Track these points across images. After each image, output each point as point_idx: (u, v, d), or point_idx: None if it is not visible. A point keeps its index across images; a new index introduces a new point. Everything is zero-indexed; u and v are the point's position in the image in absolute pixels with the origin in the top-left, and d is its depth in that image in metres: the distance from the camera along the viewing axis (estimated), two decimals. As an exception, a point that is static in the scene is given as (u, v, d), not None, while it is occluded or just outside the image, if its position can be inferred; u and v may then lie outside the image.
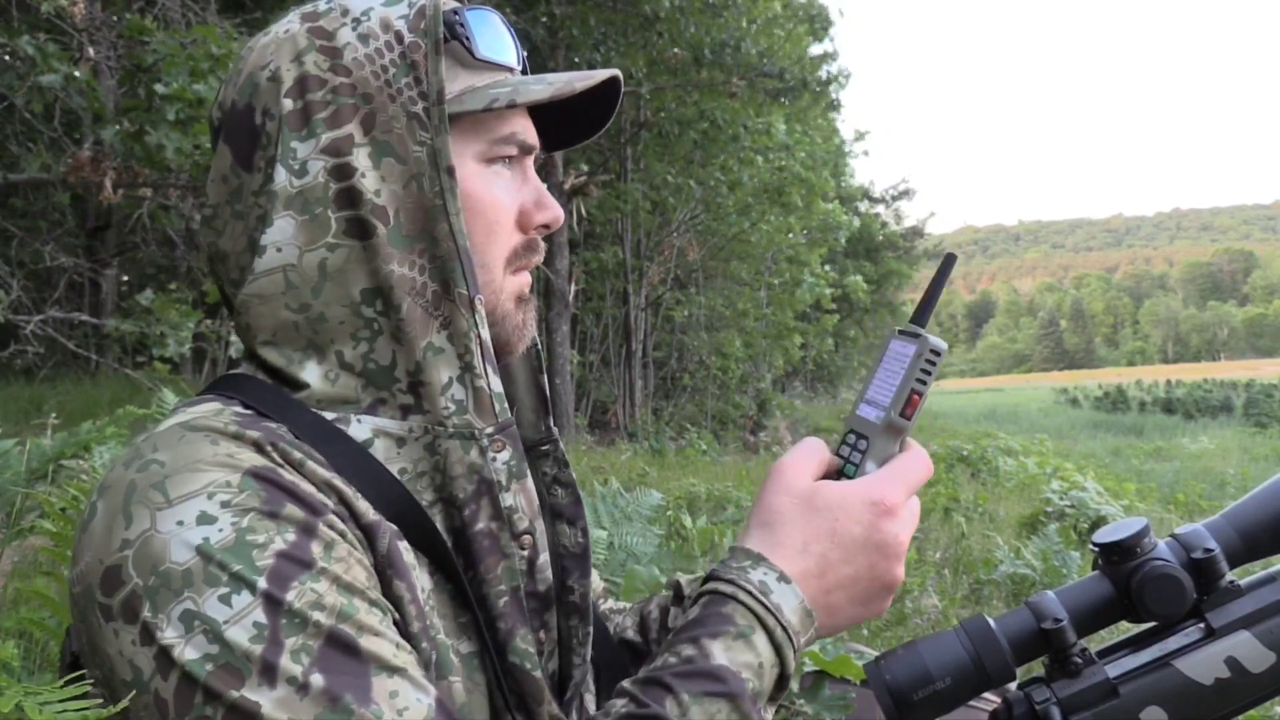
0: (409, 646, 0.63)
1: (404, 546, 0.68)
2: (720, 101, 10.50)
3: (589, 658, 0.83)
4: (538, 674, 0.72)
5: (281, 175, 0.69)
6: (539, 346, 0.87)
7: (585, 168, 10.61)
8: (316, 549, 0.61)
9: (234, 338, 4.90)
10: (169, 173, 4.47)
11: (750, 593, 0.67)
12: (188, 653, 0.57)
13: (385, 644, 0.61)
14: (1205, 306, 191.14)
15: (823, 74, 12.62)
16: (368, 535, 0.66)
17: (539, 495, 0.81)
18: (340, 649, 0.59)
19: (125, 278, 9.40)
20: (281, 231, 0.69)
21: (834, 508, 0.70)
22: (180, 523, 0.59)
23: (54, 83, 4.26)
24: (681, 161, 12.45)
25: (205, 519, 0.59)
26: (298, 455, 0.65)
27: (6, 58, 5.17)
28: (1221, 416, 27.56)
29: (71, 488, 2.07)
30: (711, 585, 0.70)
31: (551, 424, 0.87)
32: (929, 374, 0.71)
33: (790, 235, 15.06)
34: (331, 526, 0.63)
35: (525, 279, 0.80)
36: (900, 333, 0.74)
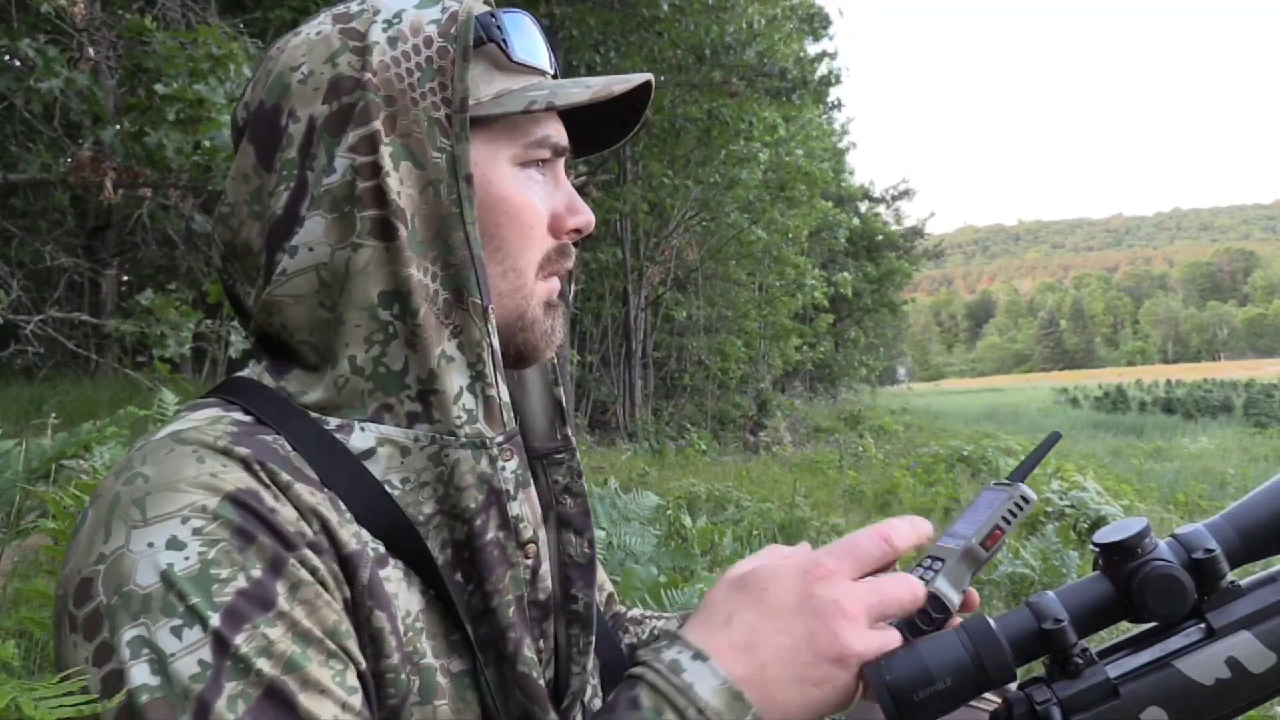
0: (357, 706, 0.61)
1: (387, 573, 0.67)
2: (721, 100, 10.52)
3: (589, 667, 0.81)
4: (542, 682, 0.70)
5: (310, 176, 0.69)
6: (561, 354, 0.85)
7: (585, 168, 10.61)
8: (280, 589, 0.60)
9: (234, 338, 4.89)
10: (169, 173, 4.47)
11: (659, 672, 0.62)
12: (132, 678, 0.56)
13: (327, 705, 0.59)
14: (1205, 306, 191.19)
15: (821, 71, 12.64)
16: (346, 568, 0.64)
17: (543, 502, 0.80)
18: (276, 703, 0.57)
19: (125, 278, 9.41)
20: (312, 231, 0.68)
21: (764, 580, 0.65)
22: (150, 545, 0.59)
23: (53, 88, 4.26)
24: (680, 162, 12.46)
25: (174, 544, 0.59)
26: (285, 477, 0.64)
27: (6, 58, 5.17)
28: (1221, 416, 27.58)
29: (72, 487, 2.07)
30: (628, 670, 0.66)
31: (570, 433, 0.85)
32: (1015, 515, 0.75)
33: (790, 235, 15.07)
34: (304, 563, 0.62)
35: (555, 284, 0.79)
36: (996, 484, 0.79)
